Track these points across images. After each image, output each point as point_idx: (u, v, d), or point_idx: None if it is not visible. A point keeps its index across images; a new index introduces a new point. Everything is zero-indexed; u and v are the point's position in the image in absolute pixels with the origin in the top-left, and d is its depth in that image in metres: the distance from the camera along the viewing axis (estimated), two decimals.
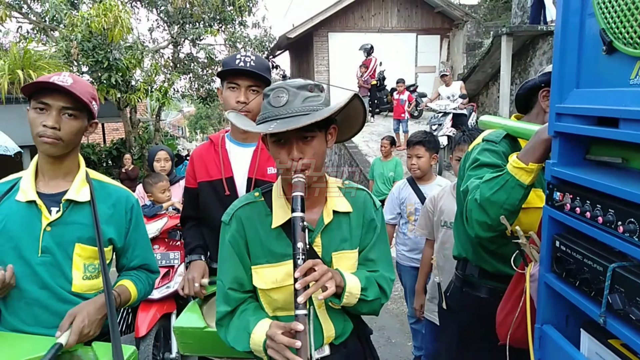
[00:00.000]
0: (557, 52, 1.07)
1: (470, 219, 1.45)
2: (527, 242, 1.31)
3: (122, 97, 10.33)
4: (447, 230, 2.54)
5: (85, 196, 1.57)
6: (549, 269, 1.20)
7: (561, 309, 1.24)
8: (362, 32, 14.24)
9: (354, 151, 9.92)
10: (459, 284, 1.85)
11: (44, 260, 1.51)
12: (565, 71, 1.06)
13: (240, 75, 1.86)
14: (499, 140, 1.60)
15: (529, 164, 1.33)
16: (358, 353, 1.47)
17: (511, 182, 1.35)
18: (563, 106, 1.06)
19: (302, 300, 1.13)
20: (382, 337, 3.91)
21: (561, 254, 1.12)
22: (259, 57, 1.93)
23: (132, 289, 1.67)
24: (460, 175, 1.79)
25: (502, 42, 9.62)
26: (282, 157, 1.28)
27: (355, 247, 1.41)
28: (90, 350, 1.48)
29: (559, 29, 1.07)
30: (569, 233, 1.12)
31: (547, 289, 1.23)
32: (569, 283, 1.11)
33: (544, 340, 1.26)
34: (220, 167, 1.94)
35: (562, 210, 1.09)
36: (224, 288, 1.39)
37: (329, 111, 1.23)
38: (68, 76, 1.50)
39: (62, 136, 1.48)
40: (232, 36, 12.64)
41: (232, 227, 1.38)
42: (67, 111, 1.49)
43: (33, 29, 11.08)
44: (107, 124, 17.19)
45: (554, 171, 1.12)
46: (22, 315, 1.53)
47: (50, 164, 1.56)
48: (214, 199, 1.94)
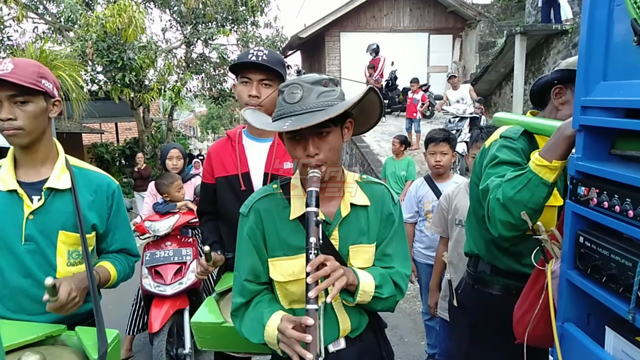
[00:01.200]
0: (583, 44, 1.05)
1: (493, 219, 1.42)
2: (548, 238, 1.29)
3: (136, 96, 10.43)
4: (462, 228, 2.51)
5: (66, 183, 1.57)
6: (572, 266, 1.17)
7: (583, 307, 1.22)
8: (374, 31, 14.20)
9: (366, 151, 9.90)
10: (470, 281, 1.83)
11: (28, 248, 1.53)
12: (592, 64, 1.03)
13: (252, 69, 1.86)
14: (517, 137, 1.57)
15: (553, 162, 1.30)
16: (373, 347, 1.47)
17: (534, 180, 1.32)
18: (589, 99, 1.03)
19: (313, 295, 1.13)
20: (395, 335, 3.89)
21: (585, 250, 1.10)
22: (272, 52, 1.93)
23: (112, 270, 1.69)
24: (475, 171, 1.76)
25: (516, 42, 9.54)
26: (298, 153, 1.28)
27: (373, 241, 1.40)
28: (73, 334, 1.51)
29: (586, 21, 1.04)
30: (594, 228, 1.10)
31: (569, 286, 1.20)
32: (593, 280, 1.08)
33: (566, 339, 1.23)
34: (237, 162, 1.95)
35: (587, 206, 1.07)
36: (240, 279, 1.40)
37: (343, 107, 1.21)
38: (9, 62, 1.43)
39: (20, 125, 1.46)
40: (245, 36, 12.70)
41: (250, 219, 1.38)
42: (15, 99, 1.44)
43: (49, 29, 11.23)
44: (121, 123, 17.36)
45: (578, 165, 1.10)
46: (5, 303, 1.55)
47: (25, 153, 1.56)
48: (231, 194, 1.95)
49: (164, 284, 3.18)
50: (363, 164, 9.72)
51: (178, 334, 3.29)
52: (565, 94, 1.59)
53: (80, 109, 8.11)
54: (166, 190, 3.51)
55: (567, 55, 9.20)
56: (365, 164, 9.56)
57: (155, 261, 3.28)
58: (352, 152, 10.58)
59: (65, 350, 1.47)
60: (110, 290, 1.88)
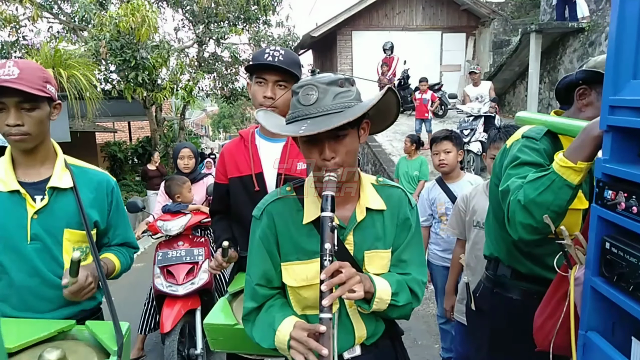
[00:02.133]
0: (613, 42, 1.00)
1: (513, 221, 1.37)
2: (572, 243, 1.24)
3: (148, 95, 10.49)
4: (480, 230, 2.47)
5: (67, 182, 1.60)
6: (597, 273, 1.12)
7: (608, 315, 1.17)
8: (386, 30, 14.12)
9: (378, 150, 9.84)
10: (489, 285, 1.78)
11: (35, 247, 1.55)
12: (622, 62, 0.98)
13: (268, 70, 1.84)
14: (540, 137, 1.52)
15: (578, 163, 1.25)
16: (389, 354, 1.43)
17: (558, 182, 1.27)
18: (618, 98, 0.99)
19: (327, 303, 1.08)
20: (408, 338, 3.85)
21: (612, 257, 1.05)
22: (289, 52, 1.90)
23: (116, 261, 1.74)
24: (495, 172, 1.71)
25: (531, 40, 9.40)
26: (313, 156, 1.24)
27: (389, 247, 1.36)
28: (84, 328, 1.52)
29: (615, 18, 1.00)
30: (621, 234, 1.05)
31: (593, 294, 1.15)
32: (620, 288, 1.03)
33: (589, 348, 1.18)
34: (250, 163, 1.93)
35: (614, 210, 1.02)
36: (252, 284, 1.37)
37: (361, 109, 1.16)
38: (13, 66, 1.43)
39: (27, 130, 1.48)
40: (256, 35, 12.73)
41: (262, 222, 1.35)
42: (23, 105, 1.46)
43: (63, 29, 11.36)
44: (133, 122, 17.50)
45: (605, 168, 1.05)
46: (12, 301, 1.57)
47: (25, 155, 1.58)
48: (244, 194, 1.94)
49: (176, 284, 3.18)
50: (375, 164, 9.66)
51: (190, 334, 3.29)
52: (589, 95, 1.53)
53: (94, 108, 8.18)
54: (179, 190, 3.50)
55: (584, 53, 9.05)
56: (377, 164, 9.51)
57: (167, 261, 3.28)
58: (364, 151, 10.52)
59: (80, 344, 1.48)
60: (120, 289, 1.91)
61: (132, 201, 3.30)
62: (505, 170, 1.53)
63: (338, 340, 1.28)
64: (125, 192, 10.32)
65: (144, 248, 7.18)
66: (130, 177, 12.59)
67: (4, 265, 1.54)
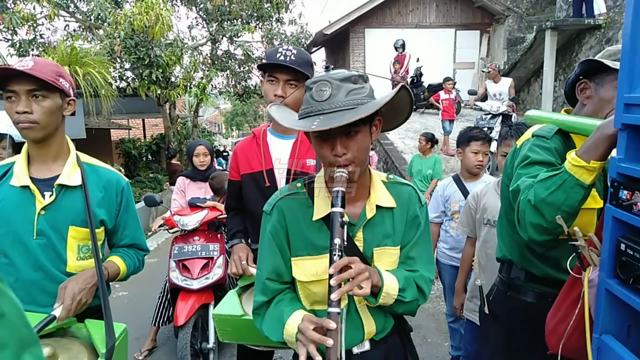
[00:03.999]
0: (627, 37, 0.98)
1: (523, 221, 1.35)
2: (585, 244, 1.22)
3: (162, 93, 10.57)
4: (490, 228, 2.45)
5: (76, 180, 1.61)
6: (612, 275, 1.11)
7: (623, 318, 1.15)
8: (399, 27, 14.03)
9: (389, 148, 9.80)
10: (503, 288, 1.75)
11: (40, 242, 1.57)
12: (637, 59, 0.97)
13: (279, 69, 1.87)
14: (551, 136, 1.49)
15: (591, 162, 1.22)
16: (398, 349, 1.44)
17: (570, 181, 1.25)
18: (633, 96, 0.97)
19: (336, 297, 1.09)
20: (418, 336, 3.84)
21: (627, 259, 1.04)
22: (301, 52, 1.93)
23: (121, 264, 1.73)
24: (506, 171, 1.69)
25: (546, 37, 9.28)
26: (325, 152, 1.24)
27: (398, 244, 1.37)
28: (82, 327, 1.54)
29: (630, 13, 0.98)
30: (637, 235, 1.04)
31: (608, 296, 1.14)
32: (635, 290, 1.02)
33: (604, 352, 1.17)
34: (261, 159, 1.98)
35: (629, 211, 1.01)
36: (262, 278, 1.38)
37: (374, 106, 1.17)
38: (29, 60, 1.49)
39: (35, 119, 1.50)
40: (269, 33, 12.74)
41: (273, 218, 1.37)
42: (34, 93, 1.49)
43: (79, 27, 11.49)
44: (148, 120, 17.66)
45: (620, 167, 1.03)
46: (18, 295, 1.57)
47: (37, 148, 1.60)
48: (255, 190, 1.98)
49: (191, 278, 3.22)
50: (387, 161, 9.63)
51: (202, 328, 3.33)
52: (589, 87, 1.51)
53: (109, 105, 8.28)
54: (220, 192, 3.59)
55: (600, 50, 8.87)
56: (389, 161, 9.47)
57: (183, 255, 3.33)
58: (375, 149, 10.49)
59: (75, 342, 1.49)
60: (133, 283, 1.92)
61: (150, 195, 3.37)
62: (515, 170, 1.51)
63: (347, 335, 1.29)
64: (139, 189, 10.43)
65: (158, 244, 7.26)
66: (145, 174, 12.70)
67: (12, 258, 1.57)
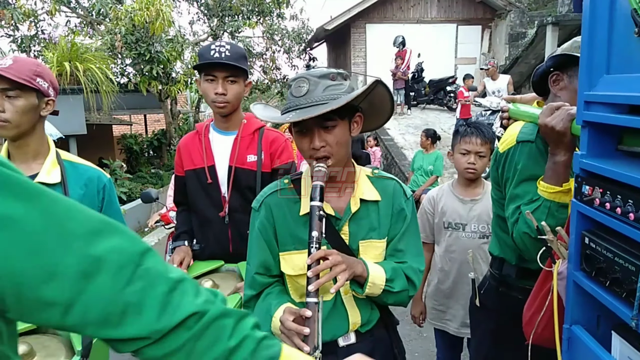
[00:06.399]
0: (586, 35, 1.00)
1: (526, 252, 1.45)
2: (554, 238, 1.25)
3: (163, 89, 10.61)
4: (453, 231, 2.34)
5: (56, 178, 1.61)
6: (578, 267, 1.14)
7: (591, 309, 1.18)
8: (401, 23, 14.00)
9: (390, 144, 9.81)
10: (494, 283, 1.77)
11: None
12: (595, 56, 0.98)
13: (216, 66, 1.85)
14: (535, 138, 1.49)
15: (563, 185, 1.32)
16: (385, 342, 1.46)
17: (553, 207, 1.34)
18: (592, 94, 0.99)
19: (313, 288, 1.14)
20: (414, 330, 3.85)
21: (591, 252, 1.06)
22: (234, 46, 1.91)
23: None
24: (493, 177, 1.68)
25: (548, 32, 9.26)
26: (303, 145, 1.29)
27: (384, 237, 1.40)
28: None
29: (587, 10, 1.00)
30: (599, 229, 1.06)
31: (576, 288, 1.16)
32: (599, 282, 1.04)
33: (573, 342, 1.19)
34: (203, 155, 1.99)
35: (591, 205, 1.03)
36: (251, 272, 1.42)
37: (346, 99, 1.22)
38: (9, 59, 1.50)
39: (7, 118, 1.50)
40: (270, 28, 12.74)
41: (261, 214, 1.41)
42: (6, 92, 1.49)
43: (80, 23, 11.52)
44: (149, 115, 17.69)
45: (582, 163, 1.05)
46: None
47: (16, 147, 1.61)
48: (198, 186, 2.00)
49: None
50: (387, 157, 9.64)
51: None
52: (562, 79, 1.54)
53: (110, 101, 8.31)
54: None
55: None
56: (389, 157, 9.48)
57: None
58: (379, 145, 10.49)
59: (54, 339, 1.46)
60: None
61: (146, 192, 3.35)
62: (509, 183, 1.53)
63: (332, 325, 1.33)
64: (140, 184, 10.47)
65: (158, 239, 7.31)
66: (146, 170, 12.75)
67: None
